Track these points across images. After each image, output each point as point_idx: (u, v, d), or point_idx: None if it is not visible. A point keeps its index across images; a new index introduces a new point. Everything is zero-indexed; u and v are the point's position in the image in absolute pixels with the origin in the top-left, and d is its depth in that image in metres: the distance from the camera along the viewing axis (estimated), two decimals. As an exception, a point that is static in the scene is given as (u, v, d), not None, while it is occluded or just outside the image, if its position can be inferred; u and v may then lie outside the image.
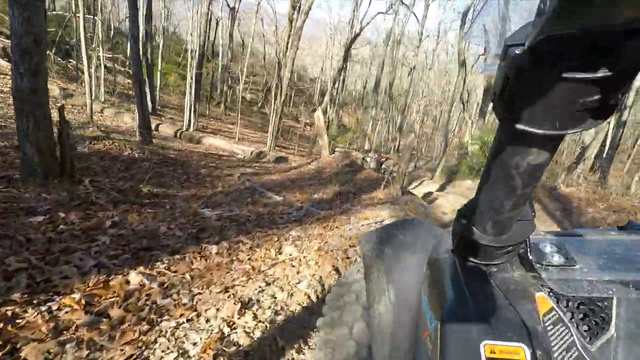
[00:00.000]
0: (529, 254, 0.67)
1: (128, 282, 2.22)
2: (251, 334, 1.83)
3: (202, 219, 3.82)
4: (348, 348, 1.13)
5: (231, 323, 1.88)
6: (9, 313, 1.72)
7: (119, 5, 28.14)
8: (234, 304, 2.00)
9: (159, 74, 21.14)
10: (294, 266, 2.69)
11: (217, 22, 26.82)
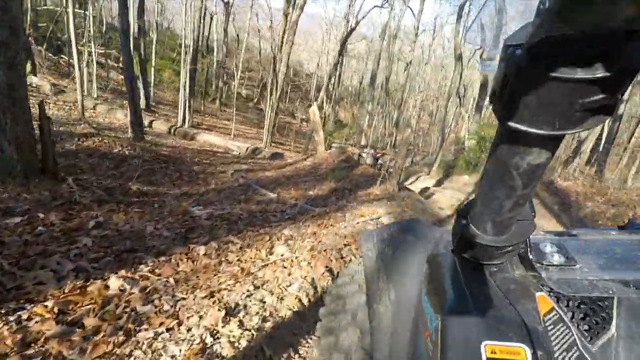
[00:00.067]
0: (529, 253, 0.66)
1: (107, 287, 2.08)
2: (236, 344, 1.70)
3: (192, 218, 3.68)
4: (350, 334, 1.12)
5: (214, 332, 1.74)
6: (-29, 324, 1.58)
7: (111, 0, 27.73)
8: (219, 310, 1.86)
9: (153, 69, 20.86)
10: (285, 267, 2.55)
11: (212, 17, 26.46)
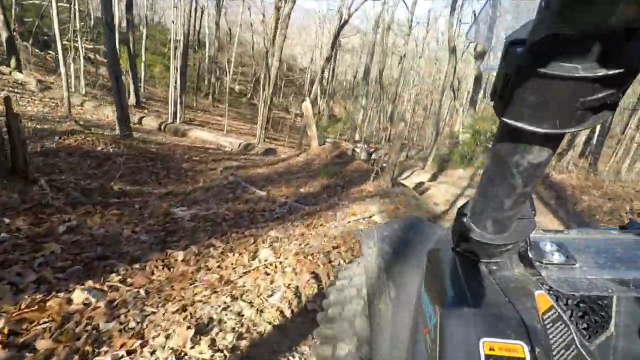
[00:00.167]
0: (529, 252, 0.66)
1: (70, 302, 1.90)
2: (206, 367, 1.53)
3: (173, 220, 3.49)
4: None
5: (181, 355, 1.56)
6: None
7: (99, -6, 27.16)
8: (187, 328, 1.69)
9: (143, 65, 20.49)
10: (268, 274, 2.38)
11: (202, 11, 26.02)
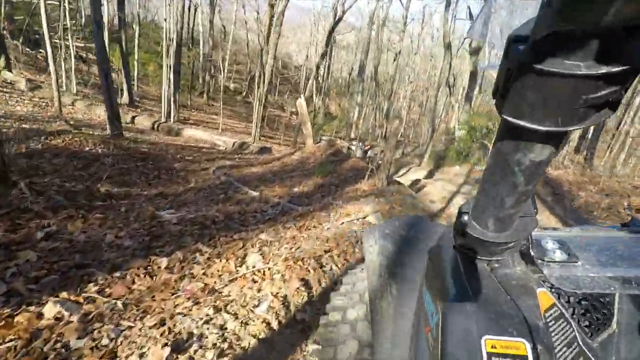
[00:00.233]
0: (530, 250, 0.65)
1: (41, 316, 1.78)
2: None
3: (160, 223, 3.36)
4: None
5: (156, 376, 1.46)
6: None
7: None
8: (164, 346, 1.57)
9: (137, 63, 20.24)
10: (255, 281, 2.26)
11: (196, 8, 25.73)
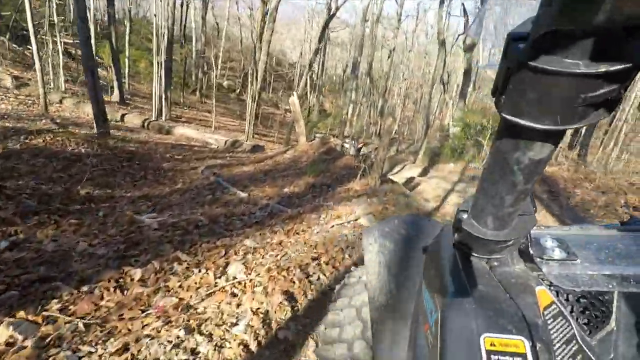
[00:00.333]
0: (529, 248, 0.65)
1: (-10, 340, 1.59)
2: None
3: (139, 229, 3.16)
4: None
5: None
6: None
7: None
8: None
9: (128, 60, 19.88)
10: (235, 295, 2.08)
11: (188, 5, 25.35)
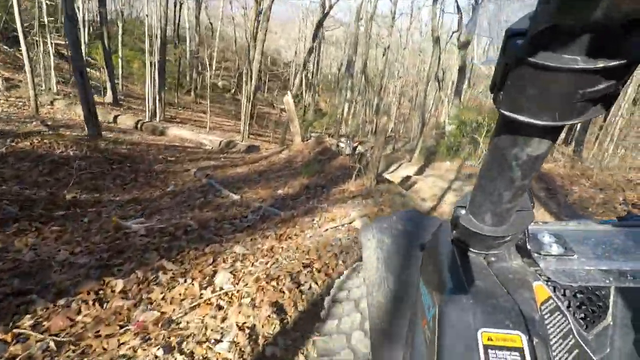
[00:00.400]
0: (527, 243, 0.65)
1: (-47, 363, 1.48)
2: None
3: (125, 235, 3.05)
4: None
5: None
6: None
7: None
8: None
9: (121, 61, 19.69)
10: (220, 308, 1.97)
11: (181, 4, 25.14)
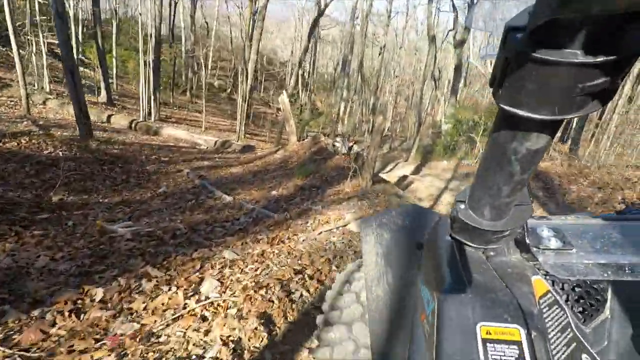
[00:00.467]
0: (526, 238, 0.65)
1: None
2: None
3: (110, 240, 2.92)
4: None
5: None
6: None
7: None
8: None
9: (115, 60, 19.51)
10: (205, 319, 1.86)
11: (176, 3, 24.94)
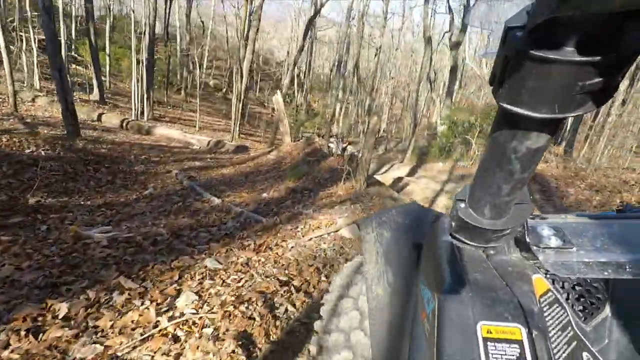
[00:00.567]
0: (526, 236, 0.65)
1: None
2: None
3: (84, 247, 2.73)
4: None
5: None
6: None
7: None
8: None
9: (109, 58, 19.20)
10: (177, 340, 1.67)
11: (171, 2, 24.67)
